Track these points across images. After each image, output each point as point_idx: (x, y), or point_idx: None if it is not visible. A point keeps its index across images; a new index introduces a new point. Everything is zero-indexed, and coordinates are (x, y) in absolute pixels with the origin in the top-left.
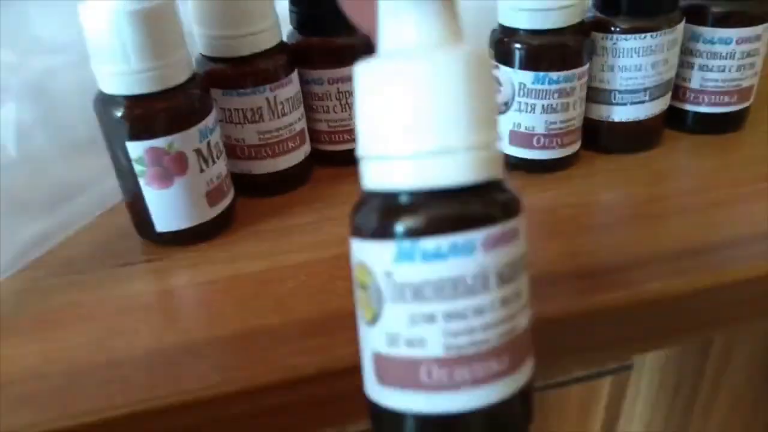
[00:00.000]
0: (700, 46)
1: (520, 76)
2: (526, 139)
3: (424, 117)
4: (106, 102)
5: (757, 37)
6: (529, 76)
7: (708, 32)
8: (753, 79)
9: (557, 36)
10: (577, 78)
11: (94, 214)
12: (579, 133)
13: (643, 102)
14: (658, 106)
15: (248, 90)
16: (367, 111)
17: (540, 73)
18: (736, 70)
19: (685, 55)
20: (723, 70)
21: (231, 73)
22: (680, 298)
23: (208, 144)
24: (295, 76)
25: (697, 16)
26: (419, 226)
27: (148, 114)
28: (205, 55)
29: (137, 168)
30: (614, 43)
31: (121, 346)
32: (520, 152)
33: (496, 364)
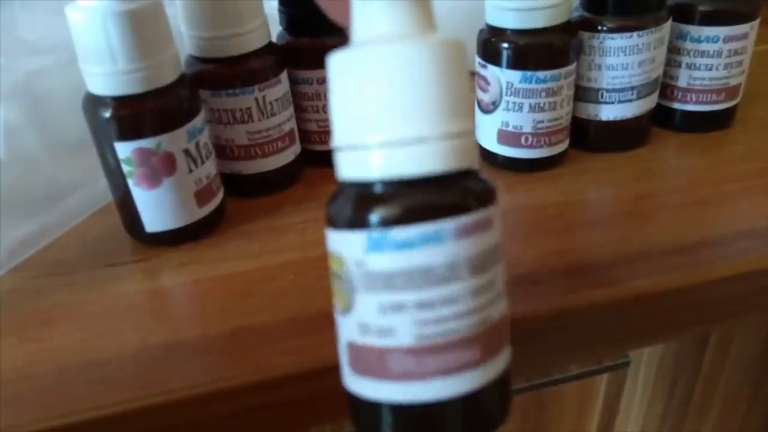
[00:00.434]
0: (687, 45)
1: (507, 76)
2: (514, 138)
3: (395, 105)
4: (94, 103)
5: (744, 35)
6: (517, 76)
7: (695, 30)
8: (740, 78)
9: (544, 35)
10: (564, 77)
11: (83, 214)
12: (567, 132)
13: (631, 101)
14: (645, 105)
15: (237, 90)
16: (340, 100)
17: (527, 73)
18: (724, 69)
19: (673, 54)
20: (710, 69)
21: (220, 73)
22: (668, 295)
23: (197, 144)
24: (284, 76)
25: (684, 15)
26: (390, 216)
27: (136, 114)
28: (194, 56)
29: (126, 168)
30: (601, 42)
31: (109, 347)
32: (508, 151)
33: (468, 354)
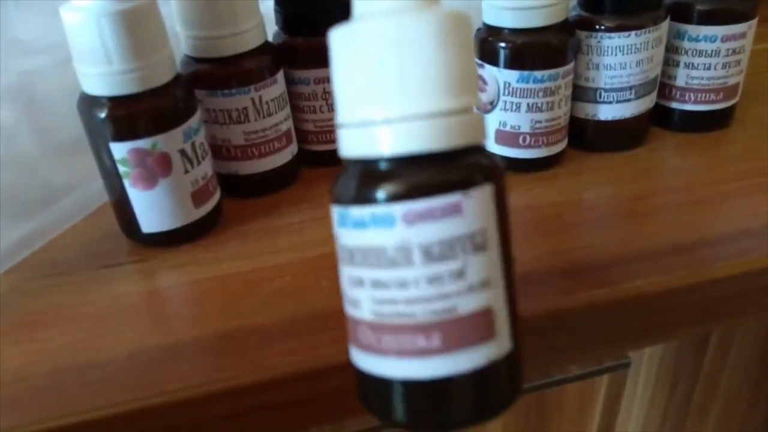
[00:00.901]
0: (685, 44)
1: (505, 75)
2: (511, 138)
3: (398, 80)
4: (89, 103)
5: (743, 35)
6: (514, 75)
7: (693, 30)
8: (739, 77)
9: (541, 34)
10: (562, 76)
11: (79, 215)
12: (565, 132)
13: (629, 100)
14: (643, 104)
15: (233, 90)
16: (340, 76)
17: (525, 72)
18: (722, 68)
19: (671, 53)
20: (708, 68)
21: (216, 73)
22: (668, 295)
23: (193, 145)
24: (280, 75)
25: (682, 14)
26: (346, 195)
27: (132, 115)
28: (190, 56)
29: (121, 169)
30: (599, 41)
31: (105, 348)
32: (505, 151)
33: (423, 341)
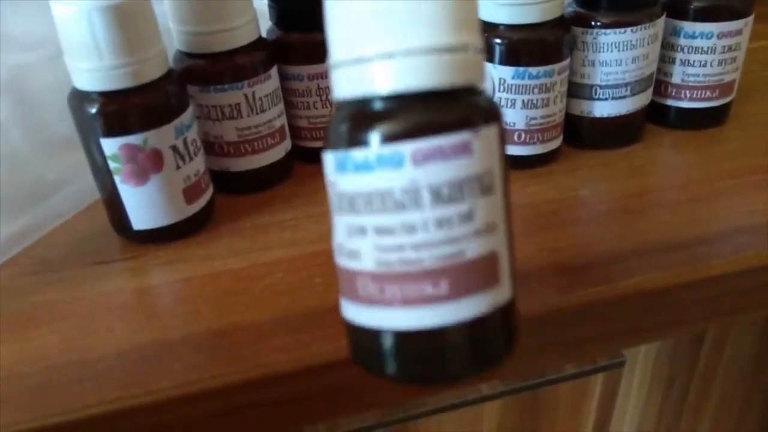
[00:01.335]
0: (681, 41)
1: (500, 72)
2: (507, 135)
3: (392, 16)
4: (79, 98)
5: (739, 32)
6: (509, 72)
7: (689, 26)
8: (735, 74)
9: (537, 31)
10: (557, 73)
11: (70, 212)
12: (560, 129)
13: (625, 97)
14: (639, 101)
15: (226, 86)
16: (338, 13)
17: (520, 69)
18: (718, 65)
19: (666, 50)
20: (704, 65)
21: (208, 69)
22: (663, 292)
23: (185, 141)
24: (274, 71)
25: (677, 11)
26: (344, 139)
27: (123, 110)
28: (182, 51)
29: (112, 165)
30: (594, 38)
31: (97, 345)
32: None
33: (430, 288)
